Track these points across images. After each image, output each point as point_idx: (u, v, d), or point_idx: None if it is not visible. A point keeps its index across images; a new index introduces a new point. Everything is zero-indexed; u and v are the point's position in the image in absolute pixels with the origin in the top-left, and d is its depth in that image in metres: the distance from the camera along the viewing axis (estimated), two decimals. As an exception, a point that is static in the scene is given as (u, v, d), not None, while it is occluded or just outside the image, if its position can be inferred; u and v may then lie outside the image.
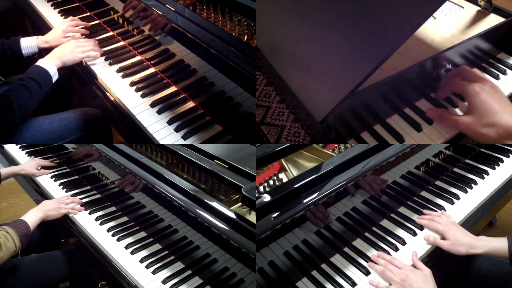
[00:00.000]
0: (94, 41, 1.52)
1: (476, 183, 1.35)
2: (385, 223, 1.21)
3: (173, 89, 1.37)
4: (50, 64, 1.36)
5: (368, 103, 1.13)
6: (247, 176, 1.11)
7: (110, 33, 1.64)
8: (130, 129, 1.30)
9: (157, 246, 1.24)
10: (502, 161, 1.44)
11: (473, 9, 1.44)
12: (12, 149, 1.85)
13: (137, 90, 1.36)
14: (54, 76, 1.36)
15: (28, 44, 1.51)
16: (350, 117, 1.13)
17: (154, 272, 1.13)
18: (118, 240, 1.26)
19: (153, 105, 1.30)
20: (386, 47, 0.84)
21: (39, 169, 1.64)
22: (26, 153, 1.81)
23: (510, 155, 1.47)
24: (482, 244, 1.05)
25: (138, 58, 1.50)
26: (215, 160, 1.20)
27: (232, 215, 1.00)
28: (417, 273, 0.98)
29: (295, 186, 1.00)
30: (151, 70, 1.45)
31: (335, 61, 0.99)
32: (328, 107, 1.00)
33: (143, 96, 1.34)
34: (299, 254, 1.03)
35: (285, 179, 1.18)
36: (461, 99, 1.20)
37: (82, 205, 1.43)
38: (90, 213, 1.40)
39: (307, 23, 1.07)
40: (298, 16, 1.10)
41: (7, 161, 1.82)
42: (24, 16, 2.12)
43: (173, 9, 1.35)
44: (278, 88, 1.49)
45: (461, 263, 1.23)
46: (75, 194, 1.52)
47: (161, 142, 1.20)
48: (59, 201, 1.39)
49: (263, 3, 1.23)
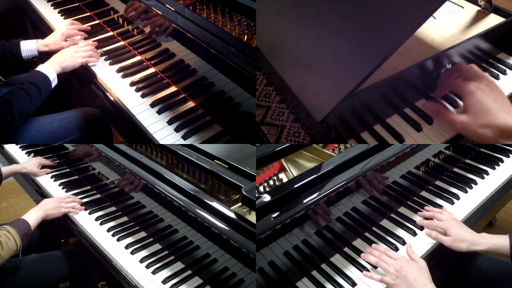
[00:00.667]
0: (93, 45, 1.51)
1: (476, 183, 1.35)
2: (385, 223, 1.21)
3: (173, 89, 1.37)
4: (50, 70, 1.36)
5: (368, 103, 1.13)
6: (247, 176, 1.11)
7: (110, 33, 1.64)
8: (130, 129, 1.30)
9: (157, 246, 1.24)
10: (502, 161, 1.44)
11: (473, 9, 1.44)
12: (12, 149, 1.85)
13: (137, 90, 1.36)
14: (54, 81, 1.37)
15: (28, 47, 1.51)
16: (350, 117, 1.13)
17: (154, 272, 1.13)
18: (118, 240, 1.26)
19: (153, 105, 1.30)
20: (386, 47, 0.84)
21: (40, 168, 1.64)
22: (26, 153, 1.81)
23: (510, 155, 1.47)
24: (484, 241, 1.05)
25: (138, 58, 1.50)
26: (215, 160, 1.20)
27: (232, 215, 1.00)
28: (412, 264, 0.97)
29: (295, 186, 1.00)
30: (151, 70, 1.45)
31: (335, 61, 0.99)
32: (328, 107, 1.00)
33: (143, 96, 1.34)
34: (299, 254, 1.03)
35: (285, 179, 1.18)
36: (460, 98, 1.20)
37: (82, 205, 1.43)
38: (90, 213, 1.40)
39: (307, 23, 1.07)
40: (298, 16, 1.10)
41: (7, 161, 1.82)
42: (24, 16, 2.11)
43: (173, 9, 1.35)
44: (278, 88, 1.49)
45: (461, 263, 1.23)
46: (75, 194, 1.52)
47: (161, 142, 1.20)
48: (59, 200, 1.39)
49: (263, 3, 1.23)
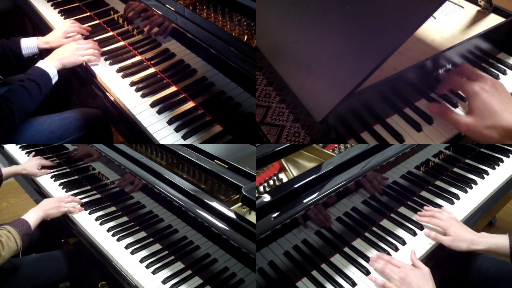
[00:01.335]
0: (94, 43, 1.51)
1: (476, 183, 1.35)
2: (385, 223, 1.21)
3: (173, 89, 1.37)
4: (50, 66, 1.35)
5: (368, 103, 1.13)
6: (247, 176, 1.11)
7: (110, 33, 1.64)
8: (130, 129, 1.30)
9: (157, 246, 1.24)
10: (502, 161, 1.44)
11: (473, 9, 1.44)
12: (12, 149, 1.85)
13: (137, 90, 1.36)
14: (54, 78, 1.36)
15: (28, 44, 1.51)
16: (350, 117, 1.12)
17: (154, 272, 1.13)
18: (118, 240, 1.26)
19: (153, 105, 1.30)
20: (386, 47, 0.84)
21: (40, 169, 1.64)
22: (26, 153, 1.81)
23: (510, 155, 1.47)
24: (484, 241, 1.05)
25: (138, 58, 1.50)
26: (215, 160, 1.20)
27: (232, 215, 1.00)
28: (416, 271, 0.98)
29: (295, 186, 1.00)
30: (151, 70, 1.45)
31: (335, 61, 0.99)
32: (328, 107, 1.00)
33: (143, 96, 1.34)
34: (299, 254, 1.03)
35: (285, 179, 1.18)
36: (462, 99, 1.20)
37: (82, 205, 1.43)
38: (90, 213, 1.40)
39: (307, 23, 1.07)
40: (298, 16, 1.10)
41: (7, 161, 1.82)
42: (24, 16, 2.11)
43: (173, 9, 1.35)
44: (278, 88, 1.49)
45: (461, 263, 1.23)
46: (75, 194, 1.52)
47: (161, 142, 1.20)
48: (59, 199, 1.39)
49: (263, 3, 1.23)
